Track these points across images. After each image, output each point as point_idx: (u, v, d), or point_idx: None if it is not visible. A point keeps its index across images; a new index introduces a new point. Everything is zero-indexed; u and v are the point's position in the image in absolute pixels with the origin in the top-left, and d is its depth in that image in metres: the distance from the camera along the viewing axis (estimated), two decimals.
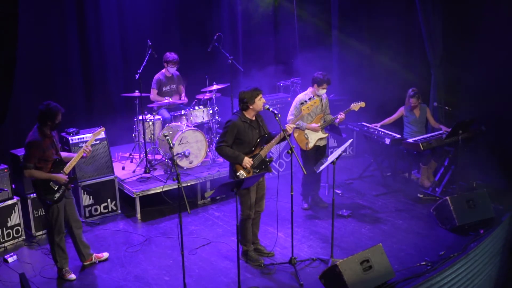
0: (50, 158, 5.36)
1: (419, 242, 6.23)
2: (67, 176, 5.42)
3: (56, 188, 5.39)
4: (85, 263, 5.83)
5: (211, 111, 7.96)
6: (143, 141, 7.64)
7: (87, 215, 6.96)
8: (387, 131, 7.73)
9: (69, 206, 5.61)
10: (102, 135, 7.11)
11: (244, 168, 5.55)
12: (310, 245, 6.22)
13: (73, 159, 5.51)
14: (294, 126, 5.74)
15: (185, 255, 5.09)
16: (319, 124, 6.83)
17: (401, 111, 7.77)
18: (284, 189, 6.56)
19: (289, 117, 6.68)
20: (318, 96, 6.77)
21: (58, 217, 5.48)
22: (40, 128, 5.34)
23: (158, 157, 7.88)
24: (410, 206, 7.21)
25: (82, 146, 5.96)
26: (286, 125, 5.63)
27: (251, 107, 5.54)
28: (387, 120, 7.90)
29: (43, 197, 5.40)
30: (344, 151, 6.67)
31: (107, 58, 8.77)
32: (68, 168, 5.45)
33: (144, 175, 7.39)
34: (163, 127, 7.88)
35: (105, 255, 5.99)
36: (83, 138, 6.97)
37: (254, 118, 5.64)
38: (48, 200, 5.39)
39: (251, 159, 5.56)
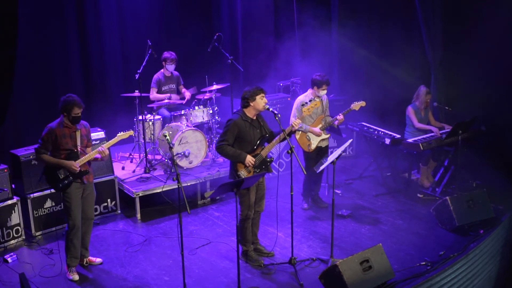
0: (63, 147, 5.39)
1: (419, 242, 6.23)
2: (78, 165, 5.42)
3: (62, 177, 5.42)
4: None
5: (211, 111, 7.96)
6: (143, 141, 7.64)
7: None
8: (387, 131, 7.73)
9: (85, 200, 5.63)
10: (102, 135, 7.11)
11: (246, 167, 5.55)
12: (310, 245, 6.22)
13: (87, 155, 5.52)
14: (300, 121, 5.72)
15: (185, 255, 5.08)
16: (320, 126, 6.83)
17: (412, 111, 7.66)
18: (284, 189, 6.56)
19: (292, 119, 6.69)
20: (318, 97, 6.77)
21: (71, 210, 5.49)
22: (62, 117, 5.44)
23: (158, 157, 7.88)
24: (410, 206, 7.21)
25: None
26: (292, 121, 5.61)
27: (251, 104, 5.53)
28: (428, 127, 7.59)
29: (49, 184, 5.47)
30: (344, 151, 6.67)
31: (107, 58, 8.77)
32: (80, 161, 5.45)
33: (144, 175, 7.39)
34: (163, 127, 7.88)
35: (99, 260, 5.95)
36: None
37: (255, 118, 5.64)
38: (52, 187, 5.47)
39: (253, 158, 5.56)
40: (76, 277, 5.61)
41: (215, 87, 8.04)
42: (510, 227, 6.64)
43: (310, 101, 6.02)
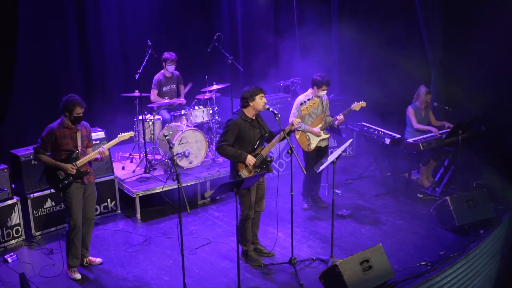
0: (64, 147, 5.40)
1: (419, 242, 6.23)
2: (75, 168, 5.41)
3: (62, 178, 5.43)
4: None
5: (211, 111, 7.96)
6: (143, 141, 7.64)
7: None
8: (387, 131, 7.73)
9: (86, 200, 5.64)
10: (102, 135, 7.11)
11: (246, 167, 5.55)
12: (310, 245, 6.22)
13: (88, 156, 5.52)
14: (299, 120, 5.71)
15: (185, 255, 5.08)
16: (320, 126, 6.83)
17: (412, 111, 7.65)
18: (284, 189, 6.56)
19: (291, 118, 6.69)
20: (318, 97, 6.77)
21: (72, 210, 5.49)
22: (63, 118, 5.45)
23: (158, 157, 7.88)
24: (410, 206, 7.21)
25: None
26: (293, 120, 5.61)
27: (251, 104, 5.53)
28: (427, 127, 7.56)
29: (50, 184, 5.49)
30: (344, 151, 6.67)
31: (107, 58, 8.77)
32: (81, 162, 5.46)
33: (144, 175, 7.39)
34: (163, 127, 7.88)
35: (99, 260, 5.95)
36: None
37: (254, 118, 5.64)
38: (52, 187, 5.48)
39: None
40: (78, 276, 5.61)
41: (215, 87, 8.04)
42: (510, 227, 6.64)
43: (308, 100, 6.02)
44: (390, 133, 7.67)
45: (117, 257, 6.08)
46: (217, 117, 8.08)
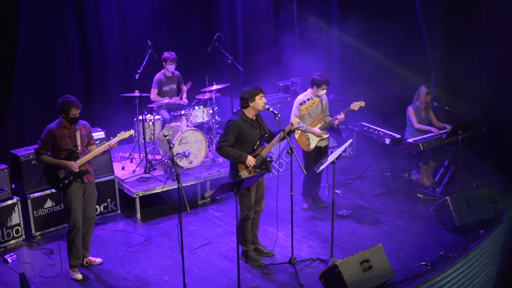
0: (63, 147, 5.42)
1: (419, 242, 6.23)
2: (78, 166, 5.43)
3: (62, 177, 5.44)
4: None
5: (211, 111, 7.96)
6: (143, 141, 7.65)
7: None
8: (387, 131, 7.73)
9: (86, 200, 5.65)
10: (102, 135, 7.12)
11: (246, 168, 5.55)
12: (310, 245, 6.22)
13: (92, 153, 5.54)
14: (299, 120, 5.71)
15: (185, 255, 5.08)
16: (320, 125, 6.83)
17: (412, 111, 7.65)
18: (284, 189, 6.56)
19: (292, 117, 6.68)
20: (318, 97, 6.77)
21: (72, 210, 5.50)
22: (61, 118, 5.48)
23: (158, 157, 7.88)
24: (410, 206, 7.21)
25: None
26: (292, 119, 5.61)
27: (251, 104, 5.53)
28: (427, 127, 7.59)
29: (50, 184, 5.50)
30: (344, 151, 6.67)
31: (107, 58, 8.77)
32: (82, 160, 5.48)
33: (144, 175, 7.39)
34: (163, 127, 7.89)
35: (99, 260, 5.95)
36: None
37: (254, 118, 5.64)
38: (52, 187, 5.50)
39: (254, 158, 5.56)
40: (79, 276, 5.61)
41: (215, 87, 8.05)
42: (510, 227, 6.64)
43: (308, 100, 6.02)
44: (390, 133, 7.67)
45: (117, 257, 6.08)
46: (217, 117, 8.08)
